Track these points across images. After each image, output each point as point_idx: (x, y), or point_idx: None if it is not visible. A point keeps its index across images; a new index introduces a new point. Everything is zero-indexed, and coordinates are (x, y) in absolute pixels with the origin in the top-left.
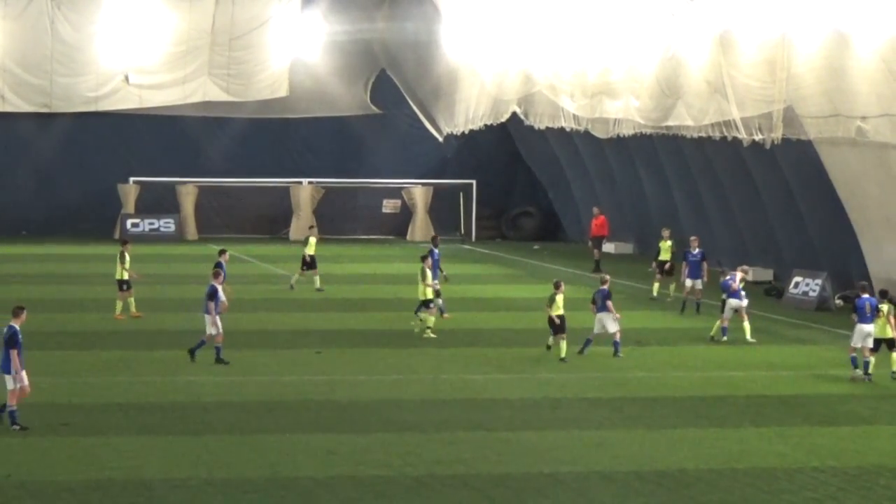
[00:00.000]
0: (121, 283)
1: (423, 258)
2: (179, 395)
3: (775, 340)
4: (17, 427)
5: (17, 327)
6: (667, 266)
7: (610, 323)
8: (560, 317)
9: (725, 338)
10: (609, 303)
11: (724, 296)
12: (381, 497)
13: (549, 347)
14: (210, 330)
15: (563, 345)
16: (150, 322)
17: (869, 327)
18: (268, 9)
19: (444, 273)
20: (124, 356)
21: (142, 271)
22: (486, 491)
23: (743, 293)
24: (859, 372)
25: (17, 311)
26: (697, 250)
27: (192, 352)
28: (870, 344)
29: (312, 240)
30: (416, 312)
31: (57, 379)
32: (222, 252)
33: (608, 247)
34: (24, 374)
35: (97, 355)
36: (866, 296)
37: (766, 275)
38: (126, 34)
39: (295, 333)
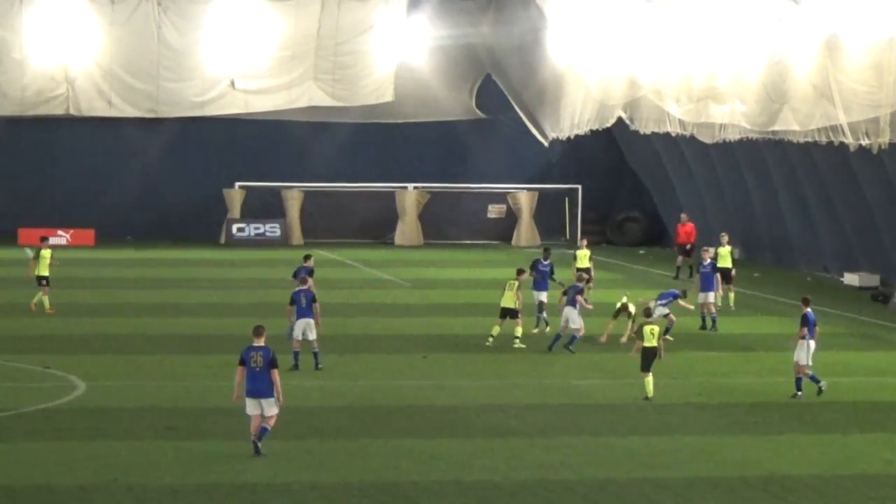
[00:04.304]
0: (39, 279)
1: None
2: (287, 400)
3: (882, 346)
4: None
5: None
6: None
7: (575, 317)
8: (652, 349)
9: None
10: (579, 297)
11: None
12: (485, 501)
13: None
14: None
15: (649, 380)
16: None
17: (813, 343)
18: (373, 14)
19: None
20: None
21: (247, 276)
22: (591, 496)
23: None
24: (802, 394)
25: (259, 331)
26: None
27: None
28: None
29: (583, 252)
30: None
31: (163, 382)
32: (307, 257)
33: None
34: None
35: (206, 359)
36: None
37: (873, 280)
38: (232, 39)
39: (400, 338)
